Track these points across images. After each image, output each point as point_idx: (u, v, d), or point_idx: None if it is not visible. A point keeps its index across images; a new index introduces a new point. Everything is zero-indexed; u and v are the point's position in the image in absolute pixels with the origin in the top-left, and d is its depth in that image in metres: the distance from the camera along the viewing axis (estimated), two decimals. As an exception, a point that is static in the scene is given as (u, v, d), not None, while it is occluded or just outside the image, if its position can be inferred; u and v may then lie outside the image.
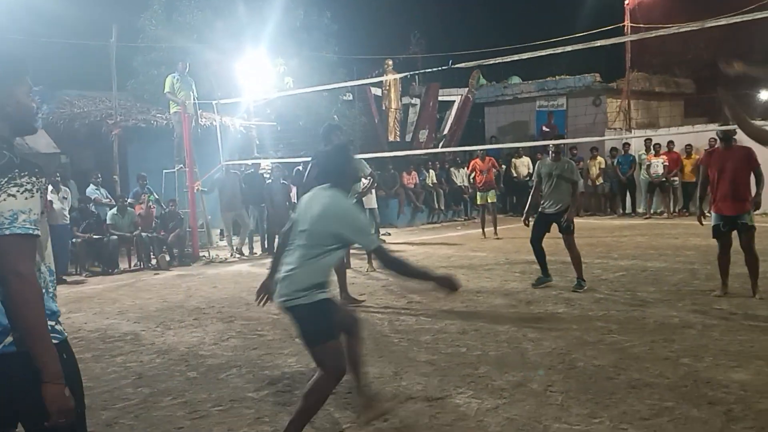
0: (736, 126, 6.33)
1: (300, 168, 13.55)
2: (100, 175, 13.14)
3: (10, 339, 2.12)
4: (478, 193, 13.78)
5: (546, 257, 7.97)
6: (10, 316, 2.10)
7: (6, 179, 2.09)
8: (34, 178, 2.14)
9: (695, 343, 5.38)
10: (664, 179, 16.64)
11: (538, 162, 8.76)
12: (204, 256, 12.52)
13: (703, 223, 7.24)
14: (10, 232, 2.06)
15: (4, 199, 2.07)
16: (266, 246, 12.98)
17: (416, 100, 21.41)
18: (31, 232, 2.11)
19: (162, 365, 5.47)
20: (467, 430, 3.83)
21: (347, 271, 7.89)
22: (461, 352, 5.40)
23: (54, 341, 2.17)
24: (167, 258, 11.91)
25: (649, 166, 16.79)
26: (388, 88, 19.74)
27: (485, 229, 13.66)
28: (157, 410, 4.42)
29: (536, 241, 7.88)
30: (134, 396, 4.72)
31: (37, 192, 2.14)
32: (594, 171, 17.90)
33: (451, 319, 6.57)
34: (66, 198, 11.44)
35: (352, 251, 11.21)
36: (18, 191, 2.09)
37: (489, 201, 13.59)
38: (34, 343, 2.10)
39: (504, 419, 3.97)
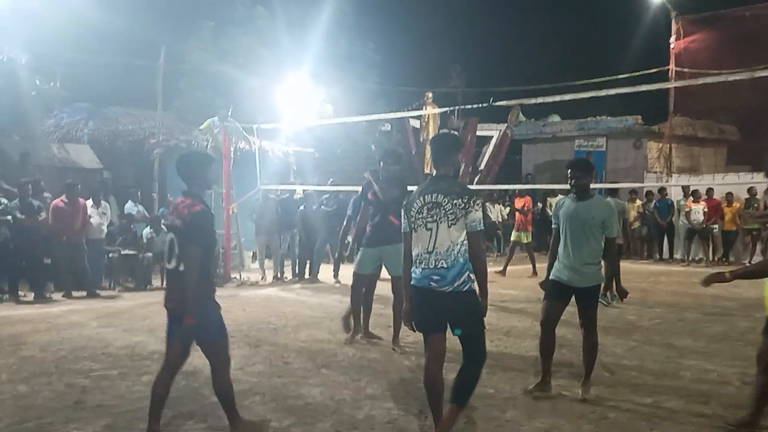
0: None
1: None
2: (139, 193, 13.35)
3: (459, 282, 4.00)
4: (513, 231, 13.79)
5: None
6: (478, 272, 4.05)
7: (473, 200, 4.01)
8: (480, 199, 4.09)
9: (733, 401, 5.18)
10: (703, 226, 16.30)
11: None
12: (235, 278, 12.57)
13: None
14: (480, 229, 4.03)
15: (474, 211, 4.00)
16: (296, 271, 12.99)
17: (454, 134, 21.41)
18: (483, 229, 4.06)
19: (186, 387, 5.45)
20: (492, 478, 3.72)
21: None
22: (489, 394, 5.28)
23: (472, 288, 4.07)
24: (199, 278, 11.96)
25: (688, 213, 16.47)
26: (426, 120, 19.79)
27: (508, 267, 13.47)
28: (178, 434, 4.39)
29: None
30: (157, 417, 4.69)
31: (481, 206, 4.07)
32: (632, 214, 17.61)
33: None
34: (105, 213, 11.61)
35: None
36: (478, 207, 4.04)
37: (523, 241, 13.49)
38: (486, 285, 4.08)
39: (531, 468, 3.84)
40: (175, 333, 4.17)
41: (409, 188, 8.27)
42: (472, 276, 4.05)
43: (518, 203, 13.71)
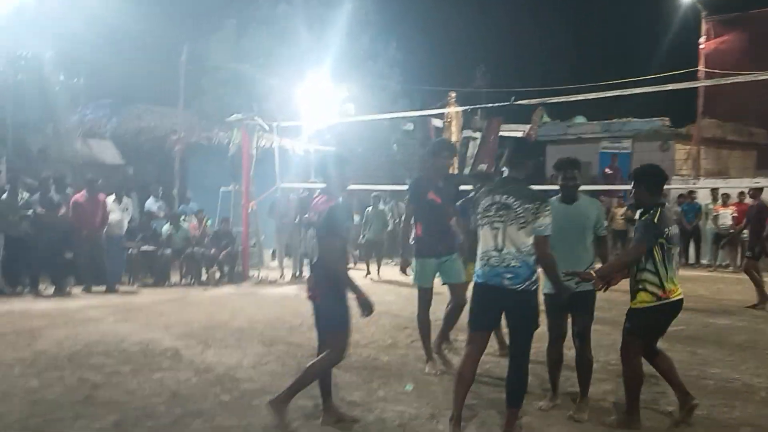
0: None
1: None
2: (160, 189, 13.39)
3: (531, 281, 4.11)
4: None
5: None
6: (548, 271, 4.34)
7: (543, 205, 4.12)
8: (548, 205, 4.18)
9: (758, 412, 4.99)
10: (731, 231, 15.93)
11: None
12: (254, 275, 12.55)
13: None
14: (546, 233, 4.13)
15: (543, 217, 4.10)
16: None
17: (477, 134, 21.19)
18: (550, 233, 4.15)
19: (197, 385, 5.40)
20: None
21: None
22: (503, 399, 5.12)
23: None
24: (217, 275, 11.98)
25: (716, 217, 16.11)
26: (449, 120, 19.60)
27: None
28: (186, 432, 4.33)
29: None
30: (166, 415, 4.64)
31: (550, 212, 4.16)
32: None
33: (497, 359, 6.26)
34: (127, 209, 11.65)
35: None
36: (548, 212, 4.13)
37: None
38: (559, 280, 4.34)
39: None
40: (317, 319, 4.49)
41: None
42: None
43: None
